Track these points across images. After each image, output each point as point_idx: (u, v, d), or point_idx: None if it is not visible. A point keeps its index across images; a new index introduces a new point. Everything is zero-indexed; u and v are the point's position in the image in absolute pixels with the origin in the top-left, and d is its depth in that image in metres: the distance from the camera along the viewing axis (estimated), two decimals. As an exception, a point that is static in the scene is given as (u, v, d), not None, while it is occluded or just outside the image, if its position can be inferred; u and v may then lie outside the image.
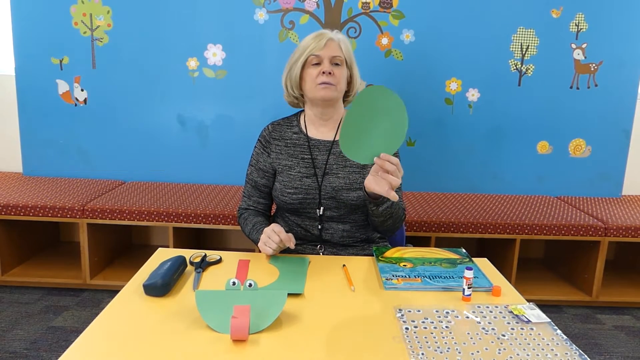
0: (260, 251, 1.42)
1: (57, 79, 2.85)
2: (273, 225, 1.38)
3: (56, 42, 2.80)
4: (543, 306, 2.49)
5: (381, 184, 1.23)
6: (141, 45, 2.80)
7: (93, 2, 2.76)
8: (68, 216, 2.46)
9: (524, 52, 2.82)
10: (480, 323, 1.05)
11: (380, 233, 1.60)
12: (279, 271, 1.30)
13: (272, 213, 1.70)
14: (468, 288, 1.15)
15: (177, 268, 1.22)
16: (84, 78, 2.85)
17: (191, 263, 1.33)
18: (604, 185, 3.00)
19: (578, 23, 2.79)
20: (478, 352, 0.94)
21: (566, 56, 2.83)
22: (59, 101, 2.87)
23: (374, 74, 2.82)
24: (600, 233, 2.51)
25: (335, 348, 0.95)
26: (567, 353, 0.95)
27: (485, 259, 1.44)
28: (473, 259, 1.39)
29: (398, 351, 0.95)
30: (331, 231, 1.54)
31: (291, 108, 1.67)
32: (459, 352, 0.93)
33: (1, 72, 3.01)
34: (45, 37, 2.80)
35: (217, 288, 1.19)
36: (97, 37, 2.80)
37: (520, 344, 0.97)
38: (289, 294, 1.15)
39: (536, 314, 1.08)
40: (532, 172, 2.97)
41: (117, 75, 2.84)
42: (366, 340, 0.98)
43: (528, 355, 0.94)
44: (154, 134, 2.91)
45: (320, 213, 1.52)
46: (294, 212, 1.55)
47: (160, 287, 1.13)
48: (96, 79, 2.85)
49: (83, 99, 2.87)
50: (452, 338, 0.98)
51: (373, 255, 1.43)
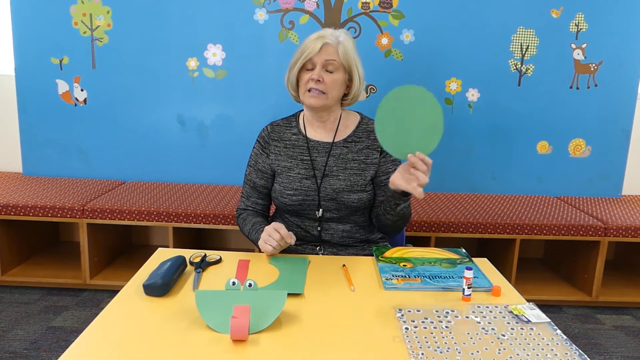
0: (260, 251, 1.42)
1: (57, 79, 2.85)
2: (273, 223, 1.38)
3: (56, 42, 2.80)
4: (543, 306, 2.49)
5: (409, 181, 1.25)
6: (141, 45, 2.80)
7: (93, 2, 2.76)
8: (68, 216, 2.46)
9: (524, 52, 2.82)
10: (480, 323, 1.05)
11: (385, 233, 1.60)
12: (279, 271, 1.30)
13: (271, 214, 1.70)
14: (468, 288, 1.15)
15: (177, 268, 1.22)
16: (84, 78, 2.85)
17: (191, 263, 1.33)
18: (604, 185, 3.00)
19: (578, 23, 2.79)
20: (478, 352, 0.94)
21: (566, 56, 2.83)
22: (59, 101, 2.87)
23: (374, 74, 2.82)
24: (600, 233, 2.51)
25: (335, 348, 0.95)
26: (567, 353, 0.95)
27: (485, 259, 1.44)
28: (473, 259, 1.39)
29: (398, 351, 0.95)
30: (331, 232, 1.54)
31: (291, 108, 1.67)
32: (459, 352, 0.93)
33: (1, 72, 3.01)
34: (45, 37, 2.80)
35: (217, 288, 1.19)
36: (97, 37, 2.80)
37: (520, 344, 0.97)
38: (289, 294, 1.15)
39: (536, 314, 1.08)
40: (532, 172, 2.97)
41: (117, 75, 2.84)
42: (366, 340, 0.99)
43: (528, 355, 0.94)
44: (154, 134, 2.91)
45: (319, 215, 1.52)
46: (294, 214, 1.55)
47: (160, 287, 1.13)
48: (96, 79, 2.85)
49: (83, 99, 2.87)
50: (452, 338, 0.98)
51: (373, 255, 1.43)
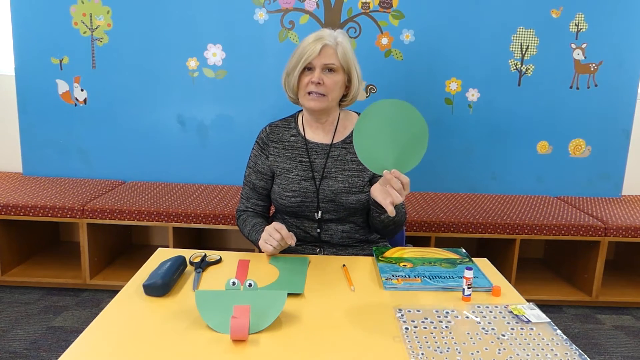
0: (260, 251, 1.42)
1: (57, 79, 2.85)
2: (274, 223, 1.38)
3: (56, 42, 2.80)
4: (543, 306, 2.49)
5: (384, 196, 1.22)
6: (141, 45, 2.80)
7: (93, 2, 2.76)
8: (68, 216, 2.46)
9: (524, 52, 2.82)
10: (480, 323, 1.05)
11: (381, 235, 1.60)
12: (279, 271, 1.30)
13: (271, 214, 1.70)
14: (468, 288, 1.15)
15: (177, 268, 1.22)
16: (84, 78, 2.85)
17: (191, 263, 1.33)
18: (604, 185, 3.00)
19: (578, 23, 2.79)
20: (478, 352, 0.94)
21: (566, 56, 2.83)
22: (59, 101, 2.87)
23: (374, 74, 2.82)
24: (600, 233, 2.51)
25: (335, 348, 0.95)
26: (567, 353, 0.95)
27: (485, 259, 1.44)
28: (473, 259, 1.39)
29: (398, 351, 0.95)
30: (330, 232, 1.54)
31: (291, 108, 1.67)
32: (459, 352, 0.93)
33: (1, 72, 3.01)
34: (45, 37, 2.80)
35: (217, 288, 1.19)
36: (97, 37, 2.80)
37: (520, 344, 0.97)
38: (289, 294, 1.15)
39: (536, 314, 1.08)
40: (532, 172, 2.97)
41: (117, 75, 2.84)
42: (366, 340, 0.99)
43: (528, 355, 0.94)
44: (154, 134, 2.91)
45: (318, 217, 1.52)
46: (293, 215, 1.55)
47: (160, 287, 1.13)
48: (96, 79, 2.85)
49: (83, 99, 2.87)
50: (452, 338, 0.98)
51: (373, 255, 1.43)
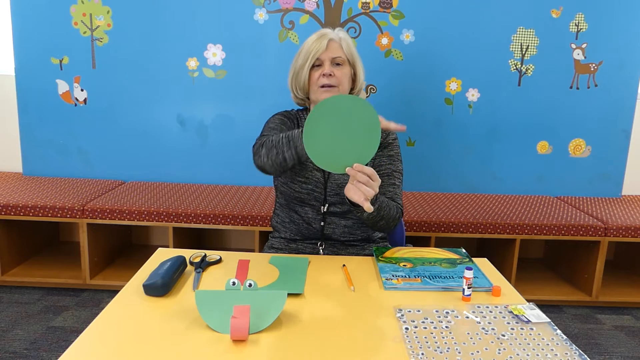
0: (259, 251, 1.42)
1: (57, 79, 2.85)
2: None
3: (56, 42, 2.80)
4: (543, 306, 2.49)
5: (358, 193, 1.20)
6: (141, 45, 2.80)
7: (93, 2, 2.76)
8: (68, 216, 2.46)
9: (524, 52, 2.82)
10: (480, 323, 1.05)
11: (379, 231, 1.60)
12: (279, 271, 1.30)
13: (273, 208, 1.70)
14: (468, 288, 1.15)
15: (177, 268, 1.22)
16: (84, 78, 2.85)
17: (191, 263, 1.33)
18: (604, 185, 3.00)
19: (578, 23, 2.79)
20: (478, 352, 0.94)
21: (566, 56, 2.83)
22: (59, 101, 2.87)
23: (374, 74, 2.82)
24: (600, 233, 2.51)
25: (335, 348, 0.95)
26: (567, 353, 0.95)
27: (485, 259, 1.44)
28: (473, 259, 1.39)
29: (398, 351, 0.95)
30: (333, 226, 1.55)
31: (293, 107, 1.67)
32: (459, 352, 0.93)
33: (1, 72, 3.01)
34: (45, 37, 2.80)
35: (217, 288, 1.19)
36: (97, 37, 2.80)
37: (520, 344, 0.97)
38: (289, 294, 1.15)
39: (536, 314, 1.08)
40: (532, 172, 2.97)
41: (117, 75, 2.84)
42: (366, 340, 0.98)
43: (528, 355, 0.94)
44: (154, 134, 2.91)
45: (324, 210, 1.53)
46: (300, 201, 1.55)
47: (160, 287, 1.13)
48: (96, 79, 2.85)
49: (83, 99, 2.87)
50: (452, 338, 0.98)
51: (373, 255, 1.43)
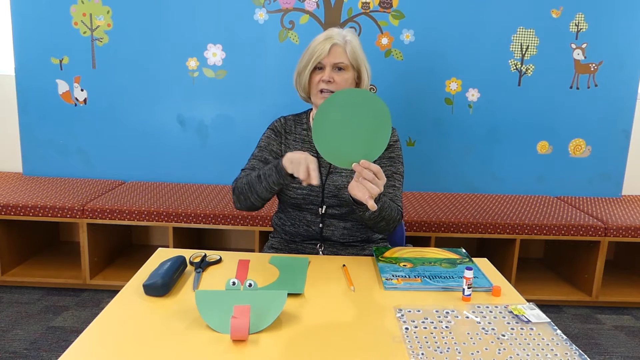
0: (259, 251, 1.42)
1: (57, 79, 2.85)
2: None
3: (56, 42, 2.80)
4: (543, 306, 2.49)
5: (362, 191, 1.20)
6: (141, 45, 2.80)
7: (93, 2, 2.76)
8: (68, 216, 2.46)
9: (524, 52, 2.82)
10: (480, 323, 1.05)
11: (378, 232, 1.60)
12: (279, 271, 1.30)
13: (273, 211, 1.70)
14: (468, 288, 1.15)
15: (177, 268, 1.22)
16: (84, 78, 2.85)
17: (191, 263, 1.33)
18: (604, 185, 3.00)
19: (578, 23, 2.79)
20: (478, 352, 0.94)
21: (566, 56, 2.83)
22: (59, 101, 2.87)
23: (374, 74, 2.78)
24: (600, 233, 2.51)
25: (335, 348, 0.95)
26: (567, 353, 0.95)
27: (485, 259, 1.44)
28: (473, 259, 1.39)
29: (398, 351, 0.95)
30: (332, 228, 1.55)
31: (291, 108, 1.67)
32: (459, 352, 0.93)
33: (1, 72, 3.01)
34: (45, 37, 2.80)
35: (217, 288, 1.19)
36: (97, 37, 2.80)
37: (520, 344, 0.97)
38: (289, 294, 1.15)
39: (536, 314, 1.08)
40: (532, 172, 2.97)
41: (117, 75, 2.84)
42: (366, 340, 0.98)
43: (528, 355, 0.94)
44: (154, 134, 2.91)
45: (322, 212, 1.53)
46: (297, 207, 1.56)
47: (160, 287, 1.13)
48: (96, 79, 2.85)
49: (83, 99, 2.87)
50: (452, 338, 0.98)
51: (373, 255, 1.43)
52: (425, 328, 1.02)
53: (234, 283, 1.08)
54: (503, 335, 1.00)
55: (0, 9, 2.92)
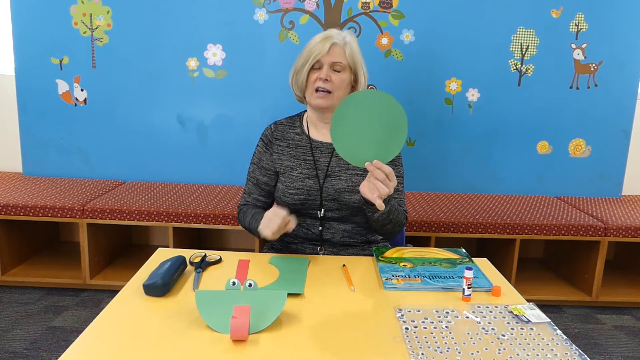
0: (260, 249, 1.42)
1: (57, 79, 2.85)
2: (274, 207, 1.36)
3: (56, 42, 2.80)
4: (543, 306, 2.50)
5: (372, 190, 1.22)
6: (141, 45, 2.80)
7: (93, 2, 2.76)
8: (68, 216, 2.46)
9: (524, 52, 2.82)
10: (480, 323, 1.05)
11: (382, 236, 1.60)
12: (279, 271, 1.30)
13: None
14: (468, 288, 1.15)
15: (177, 268, 1.22)
16: (84, 78, 2.85)
17: (191, 263, 1.33)
18: (604, 185, 3.00)
19: (578, 23, 2.79)
20: (478, 352, 0.94)
21: (566, 56, 2.83)
22: (59, 101, 2.87)
23: (374, 74, 2.81)
24: (600, 233, 2.51)
25: (335, 348, 0.95)
26: (567, 353, 0.95)
27: (485, 259, 1.44)
28: (473, 259, 1.39)
29: (398, 351, 0.95)
30: (332, 231, 1.54)
31: (291, 108, 1.67)
32: (459, 352, 0.93)
33: (1, 72, 3.01)
34: (45, 37, 2.80)
35: (217, 288, 1.19)
36: (97, 37, 2.80)
37: (520, 344, 0.97)
38: (289, 294, 1.15)
39: (536, 314, 1.08)
40: (532, 172, 2.97)
41: (117, 75, 2.84)
42: (366, 340, 0.98)
43: (528, 355, 0.94)
44: (154, 134, 2.91)
45: (321, 215, 1.53)
46: (296, 213, 1.56)
47: (160, 287, 1.13)
48: (96, 79, 2.85)
49: (83, 99, 2.87)
50: (452, 338, 0.98)
51: (373, 255, 1.43)
52: (425, 328, 1.02)
53: (234, 283, 1.08)
54: (503, 335, 1.00)
55: (0, 9, 2.92)
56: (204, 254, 1.37)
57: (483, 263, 1.41)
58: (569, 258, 2.77)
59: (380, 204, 1.19)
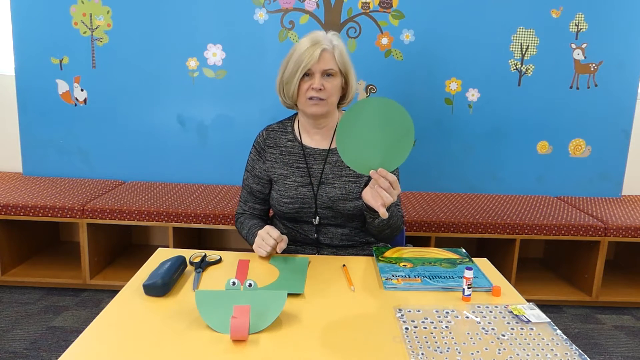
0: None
1: (57, 79, 2.85)
2: (267, 227, 1.38)
3: (56, 42, 2.80)
4: (543, 306, 2.49)
5: (376, 198, 1.22)
6: (141, 45, 2.80)
7: (93, 2, 2.76)
8: (68, 216, 2.46)
9: (524, 52, 2.82)
10: (480, 323, 1.05)
11: (377, 240, 1.60)
12: (279, 271, 1.30)
13: (270, 215, 1.70)
14: (468, 288, 1.15)
15: (177, 268, 1.22)
16: (84, 78, 2.85)
17: (191, 263, 1.33)
18: (604, 185, 3.00)
19: (578, 23, 2.79)
20: (478, 352, 0.94)
21: (566, 56, 2.83)
22: (59, 101, 2.87)
23: (374, 74, 2.82)
24: (600, 233, 2.51)
25: (335, 348, 0.95)
26: (567, 353, 0.95)
27: (485, 259, 1.44)
28: (473, 259, 1.39)
29: (398, 351, 0.95)
30: (330, 235, 1.54)
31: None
32: (459, 352, 0.93)
33: (1, 72, 3.01)
34: (45, 37, 2.80)
35: (217, 288, 1.19)
36: (97, 37, 2.80)
37: (520, 344, 0.97)
38: (289, 294, 1.15)
39: (536, 314, 1.08)
40: (532, 172, 2.97)
41: (117, 75, 2.84)
42: (366, 340, 0.99)
43: (528, 355, 0.94)
44: (154, 134, 2.91)
45: (316, 222, 1.52)
46: (291, 220, 1.56)
47: (160, 287, 1.13)
48: (96, 79, 2.85)
49: (83, 99, 2.87)
50: (452, 338, 0.98)
51: (373, 255, 1.43)
52: (425, 328, 1.02)
53: (234, 283, 1.08)
54: (503, 335, 1.00)
55: (0, 9, 2.92)
56: (204, 254, 1.37)
57: (483, 263, 1.41)
58: (569, 258, 2.77)
59: (383, 213, 1.19)
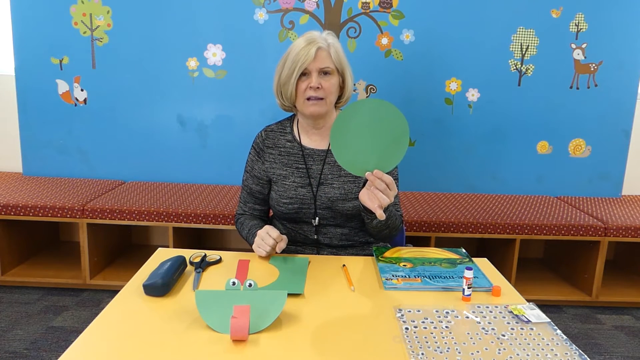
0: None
1: (57, 79, 2.85)
2: (266, 227, 1.38)
3: (56, 42, 2.80)
4: (543, 306, 2.49)
5: (372, 199, 1.21)
6: (141, 45, 2.80)
7: (93, 2, 2.76)
8: (68, 216, 2.46)
9: (524, 52, 2.82)
10: (480, 323, 1.05)
11: (376, 239, 1.60)
12: (279, 271, 1.30)
13: (270, 215, 1.70)
14: (468, 288, 1.15)
15: (177, 268, 1.22)
16: (84, 78, 2.85)
17: (191, 263, 1.33)
18: (604, 185, 3.00)
19: (578, 23, 2.79)
20: (478, 352, 0.94)
21: (566, 56, 2.83)
22: (59, 101, 2.87)
23: (374, 74, 2.82)
24: (600, 233, 2.51)
25: (335, 348, 0.95)
26: (567, 353, 0.95)
27: (485, 259, 1.44)
28: (473, 259, 1.39)
29: (398, 351, 0.95)
30: (329, 235, 1.54)
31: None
32: (459, 352, 0.93)
33: (1, 72, 3.01)
34: (45, 37, 2.80)
35: (217, 288, 1.19)
36: (97, 37, 2.80)
37: (520, 344, 0.97)
38: (289, 294, 1.15)
39: (536, 314, 1.08)
40: (532, 172, 2.97)
41: (117, 75, 2.84)
42: (366, 340, 0.99)
43: (528, 355, 0.94)
44: (154, 134, 2.91)
45: (316, 223, 1.52)
46: (291, 221, 1.56)
47: (160, 287, 1.13)
48: (96, 79, 2.85)
49: (83, 99, 2.87)
50: (452, 338, 0.98)
51: (373, 255, 1.43)
52: (425, 328, 1.02)
53: (234, 283, 1.08)
54: (503, 335, 1.00)
55: (0, 9, 2.92)
56: (204, 254, 1.37)
57: (483, 263, 1.41)
58: (569, 258, 2.77)
59: (380, 214, 1.18)
